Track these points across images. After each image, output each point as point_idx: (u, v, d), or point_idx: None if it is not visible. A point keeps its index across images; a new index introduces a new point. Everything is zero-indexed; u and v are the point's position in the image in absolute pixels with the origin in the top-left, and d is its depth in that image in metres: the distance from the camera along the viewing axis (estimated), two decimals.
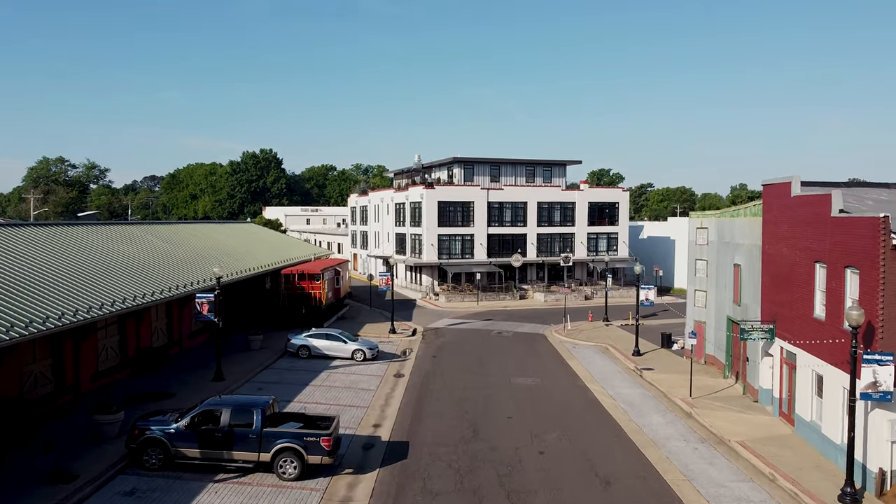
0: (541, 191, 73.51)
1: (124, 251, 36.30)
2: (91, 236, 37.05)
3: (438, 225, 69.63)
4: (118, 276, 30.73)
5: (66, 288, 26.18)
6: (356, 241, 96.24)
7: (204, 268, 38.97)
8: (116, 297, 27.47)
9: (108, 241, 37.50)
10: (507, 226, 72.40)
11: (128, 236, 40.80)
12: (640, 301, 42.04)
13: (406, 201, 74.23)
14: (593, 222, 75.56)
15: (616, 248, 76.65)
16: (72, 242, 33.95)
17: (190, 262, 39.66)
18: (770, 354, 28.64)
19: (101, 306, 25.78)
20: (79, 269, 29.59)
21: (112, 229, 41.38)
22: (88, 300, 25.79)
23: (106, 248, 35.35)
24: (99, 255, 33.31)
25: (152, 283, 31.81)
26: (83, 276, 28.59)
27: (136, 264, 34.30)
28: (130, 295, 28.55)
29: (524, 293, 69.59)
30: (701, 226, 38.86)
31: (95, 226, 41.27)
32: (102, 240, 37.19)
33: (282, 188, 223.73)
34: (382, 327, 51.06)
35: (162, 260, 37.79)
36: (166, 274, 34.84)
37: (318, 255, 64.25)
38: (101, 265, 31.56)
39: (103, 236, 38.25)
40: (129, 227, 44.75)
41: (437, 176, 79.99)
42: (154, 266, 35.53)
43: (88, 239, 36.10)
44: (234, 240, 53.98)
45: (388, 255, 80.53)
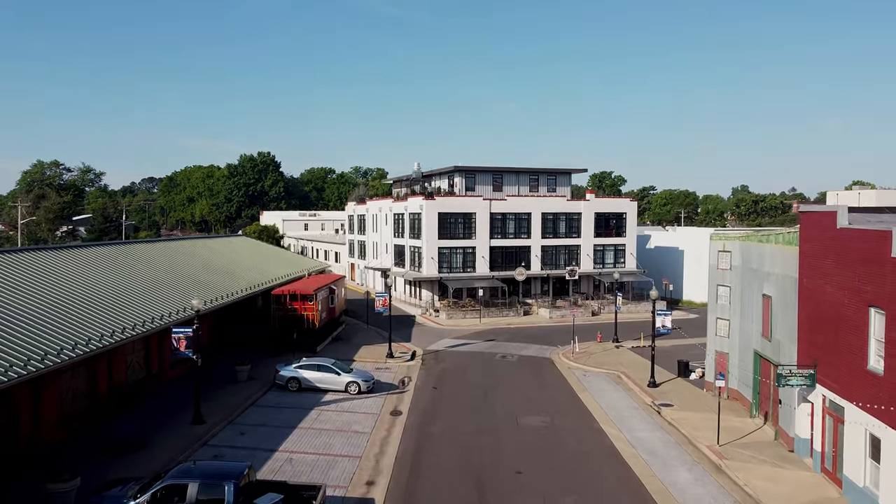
0: (545, 201, 70.57)
1: (96, 279, 33.31)
2: (62, 262, 34.07)
3: (439, 237, 66.66)
4: (86, 311, 27.76)
5: (26, 329, 23.22)
6: (353, 251, 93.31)
7: (185, 293, 36.01)
8: (80, 338, 24.51)
9: (80, 266, 34.52)
10: (510, 238, 69.43)
11: (104, 260, 37.82)
12: (655, 327, 39.05)
13: (405, 212, 71.29)
14: (600, 233, 72.59)
15: (623, 260, 73.67)
16: (37, 270, 30.97)
17: (170, 288, 36.67)
18: (809, 401, 25.68)
19: (61, 351, 22.83)
20: (40, 304, 26.61)
21: (87, 253, 38.38)
22: (48, 344, 22.83)
23: (76, 276, 32.36)
24: (67, 285, 30.34)
25: (126, 316, 28.86)
26: (44, 314, 25.61)
27: (109, 294, 31.33)
28: (97, 334, 25.60)
29: (528, 308, 66.63)
30: (723, 249, 35.90)
31: (68, 249, 38.23)
32: (73, 266, 34.21)
33: (280, 192, 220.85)
34: (379, 350, 48.11)
35: (140, 286, 34.81)
36: (144, 303, 31.87)
37: (312, 270, 61.30)
38: (68, 297, 28.59)
39: (75, 261, 35.28)
40: (107, 248, 41.74)
41: (437, 185, 77.05)
42: (130, 294, 32.55)
43: (58, 265, 33.13)
44: (222, 257, 51.01)
45: (386, 267, 77.63)
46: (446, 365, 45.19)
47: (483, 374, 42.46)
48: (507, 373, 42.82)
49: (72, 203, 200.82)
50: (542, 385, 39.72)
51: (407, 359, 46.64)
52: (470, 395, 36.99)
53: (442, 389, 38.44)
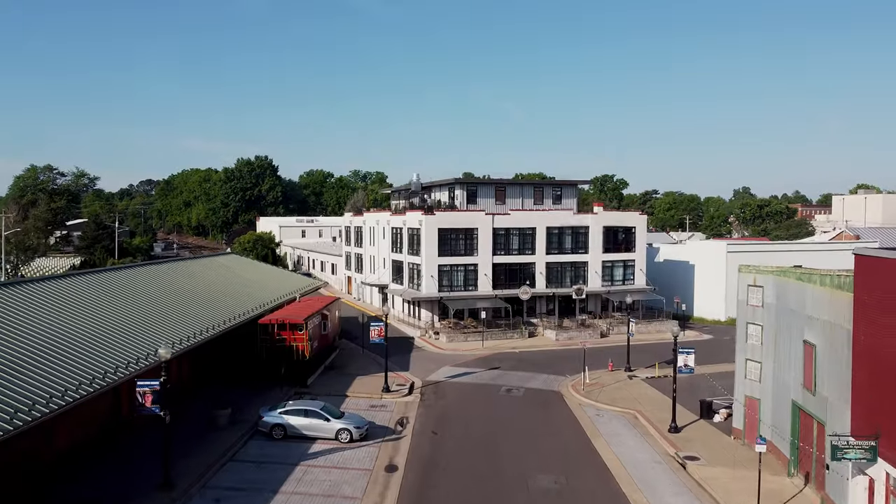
0: (550, 215, 67.07)
1: (54, 320, 29.79)
2: (20, 299, 30.56)
3: (439, 254, 63.20)
4: (38, 362, 24.26)
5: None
6: (350, 264, 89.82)
7: (158, 332, 32.51)
8: (22, 404, 21.03)
9: (39, 303, 31.01)
10: (513, 254, 65.94)
11: (70, 294, 34.32)
12: (677, 367, 35.51)
13: (403, 226, 67.81)
14: (608, 248, 69.11)
15: (633, 276, 70.18)
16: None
17: (141, 325, 33.13)
18: (867, 474, 22.21)
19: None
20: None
21: (51, 286, 34.83)
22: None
23: (29, 318, 28.84)
24: (19, 330, 26.84)
25: (87, 367, 25.40)
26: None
27: (68, 338, 27.83)
28: (44, 396, 22.11)
29: (533, 330, 63.14)
30: (754, 283, 32.36)
31: (29, 284, 34.64)
32: (33, 303, 30.70)
33: (277, 196, 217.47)
34: (375, 382, 44.61)
35: (107, 325, 31.30)
36: (108, 347, 28.37)
37: (305, 290, 57.81)
38: (15, 347, 25.09)
39: (38, 297, 31.77)
40: (79, 278, 38.19)
41: (437, 197, 73.59)
42: (93, 337, 29.05)
43: (15, 304, 29.61)
44: (204, 282, 47.47)
45: (384, 283, 74.22)
46: (447, 401, 41.70)
47: (487, 413, 38.98)
48: (513, 412, 39.32)
49: (65, 208, 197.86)
50: (553, 430, 36.21)
51: (404, 393, 43.17)
52: (473, 444, 33.50)
53: (443, 434, 34.96)
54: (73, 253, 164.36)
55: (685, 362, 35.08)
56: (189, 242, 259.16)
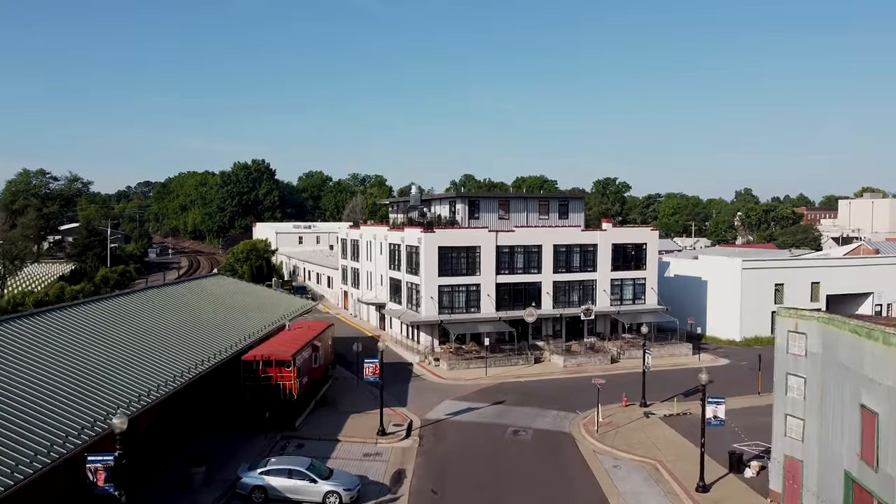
0: (557, 232, 63.35)
1: (5, 373, 26.07)
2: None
3: (439, 274, 59.48)
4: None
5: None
6: (347, 278, 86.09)
7: (118, 386, 28.74)
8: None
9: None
10: (518, 273, 62.22)
11: (29, 337, 30.58)
12: (706, 419, 31.71)
13: (402, 243, 64.10)
14: (617, 266, 65.38)
15: (643, 296, 66.45)
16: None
17: (100, 377, 29.36)
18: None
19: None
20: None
21: (13, 328, 31.07)
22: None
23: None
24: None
25: (28, 440, 21.74)
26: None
27: (11, 399, 24.13)
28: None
29: (539, 355, 59.41)
30: (796, 329, 28.62)
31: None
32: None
33: (274, 201, 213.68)
34: (370, 421, 40.93)
35: (62, 380, 27.58)
36: (56, 412, 24.67)
37: (296, 313, 54.16)
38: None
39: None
40: (42, 318, 34.39)
41: (437, 212, 69.88)
42: (45, 397, 25.34)
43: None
44: (184, 313, 43.68)
45: (381, 301, 70.58)
46: (448, 447, 37.99)
47: (492, 464, 35.27)
48: (521, 463, 35.60)
49: (57, 213, 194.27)
50: (566, 487, 32.49)
51: (401, 436, 39.50)
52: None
53: (443, 494, 31.25)
54: (65, 259, 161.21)
55: (714, 414, 31.34)
56: (185, 247, 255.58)
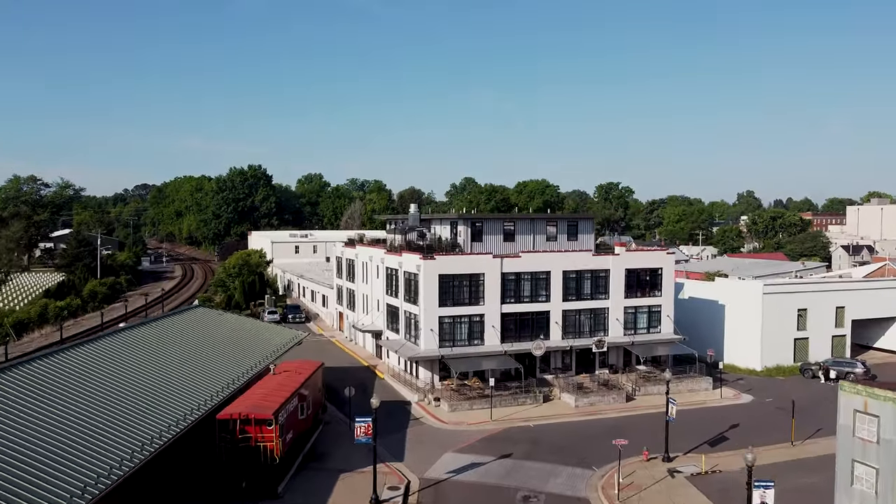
0: (567, 257, 58.85)
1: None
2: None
3: (440, 304, 54.99)
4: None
5: None
6: (342, 298, 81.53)
7: (58, 476, 24.12)
8: None
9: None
10: (525, 302, 57.72)
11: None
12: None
13: (399, 268, 59.60)
14: (631, 293, 60.91)
15: (659, 324, 61.97)
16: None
17: (44, 459, 24.79)
18: None
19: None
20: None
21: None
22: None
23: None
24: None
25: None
26: None
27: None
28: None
29: (548, 392, 54.86)
30: (865, 409, 24.09)
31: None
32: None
33: (271, 207, 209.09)
34: (362, 484, 36.50)
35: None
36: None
37: (283, 350, 49.64)
38: None
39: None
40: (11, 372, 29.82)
41: (437, 233, 65.33)
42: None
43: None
44: (152, 360, 38.97)
45: (377, 329, 66.13)
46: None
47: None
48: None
49: (48, 221, 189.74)
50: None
51: (398, 502, 34.99)
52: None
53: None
54: (54, 269, 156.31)
55: (762, 500, 26.76)
56: (181, 253, 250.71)
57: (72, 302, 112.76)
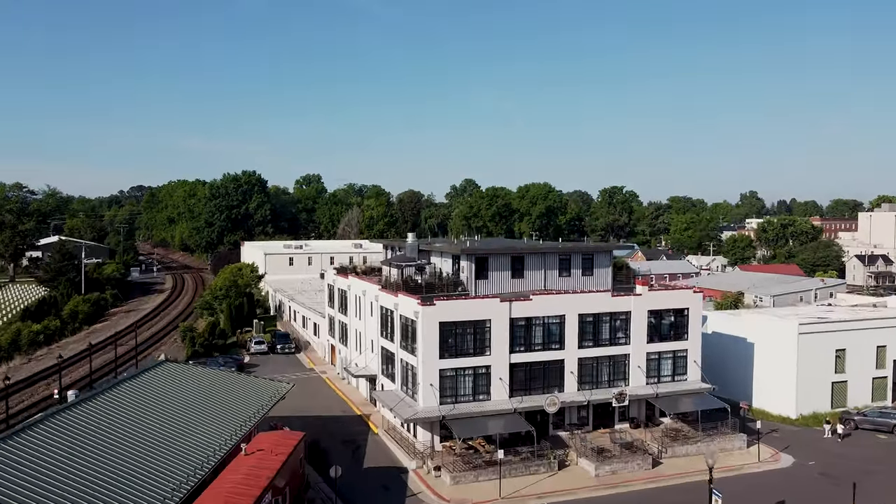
0: (583, 299, 52.46)
1: None
2: None
3: (440, 355, 48.64)
4: None
5: None
6: (334, 330, 75.10)
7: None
8: None
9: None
10: (536, 350, 51.35)
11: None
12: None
13: (395, 310, 53.21)
14: (654, 337, 54.57)
15: (685, 371, 55.64)
16: None
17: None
18: None
19: None
20: None
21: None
22: None
23: None
24: None
25: None
26: None
27: None
28: None
29: (563, 456, 48.45)
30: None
31: None
32: None
33: (265, 215, 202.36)
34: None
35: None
36: None
37: (262, 415, 43.22)
38: None
39: None
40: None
41: (437, 266, 58.98)
42: None
43: None
44: (100, 449, 32.36)
45: (372, 373, 59.81)
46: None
47: None
48: None
49: (34, 230, 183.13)
50: None
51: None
52: None
53: None
54: (36, 281, 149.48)
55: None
56: (174, 260, 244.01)
57: (50, 324, 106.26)
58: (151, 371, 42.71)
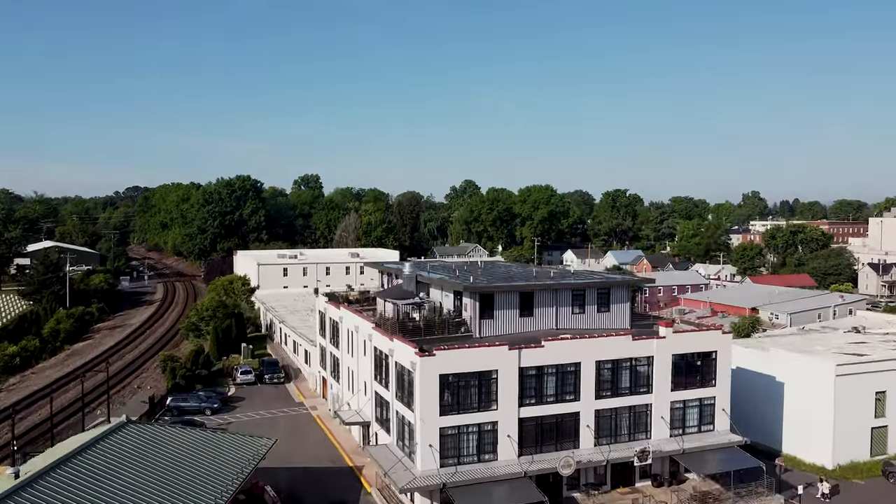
0: (601, 344, 46.83)
1: None
2: None
3: (441, 412, 43.04)
4: None
5: None
6: (325, 362, 69.47)
7: None
8: None
9: None
10: (549, 402, 45.77)
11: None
12: None
13: (390, 355, 47.60)
14: (679, 384, 48.99)
15: (712, 421, 50.07)
16: None
17: None
18: None
19: None
20: None
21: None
22: None
23: None
24: None
25: None
26: None
27: None
28: None
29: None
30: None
31: None
32: None
33: (260, 221, 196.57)
34: None
35: None
36: None
37: (238, 475, 37.59)
38: None
39: None
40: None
41: (437, 301, 53.43)
42: None
43: None
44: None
45: (365, 420, 54.23)
46: None
47: None
48: None
49: (21, 238, 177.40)
50: None
51: None
52: None
53: None
54: (19, 295, 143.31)
55: None
56: (167, 265, 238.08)
57: (29, 344, 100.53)
58: (107, 440, 37.01)
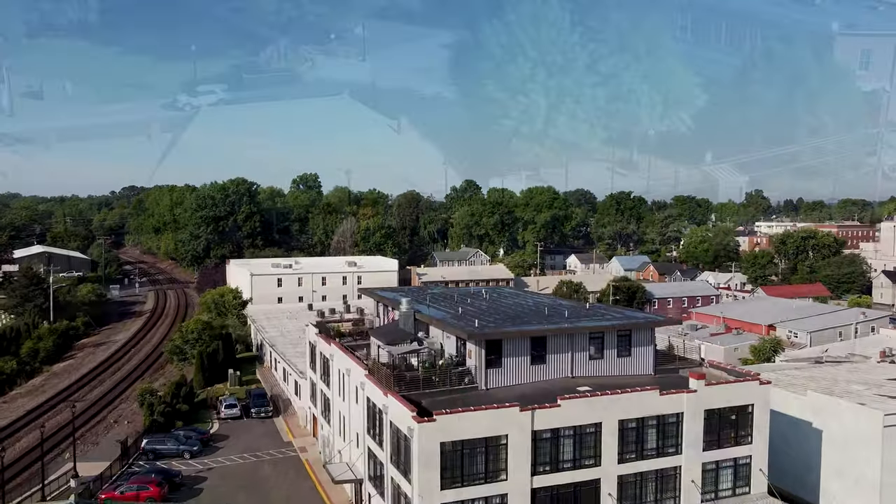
0: (623, 401, 41.14)
1: None
2: None
3: (443, 485, 37.41)
4: None
5: None
6: (315, 399, 63.83)
7: None
8: None
9: None
10: (566, 469, 40.11)
11: None
12: None
13: (384, 412, 41.92)
14: (711, 443, 43.31)
15: (747, 483, 44.41)
16: None
17: None
18: None
19: None
20: None
21: None
22: None
23: None
24: None
25: None
26: None
27: None
28: None
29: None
30: None
31: None
32: None
33: (255, 226, 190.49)
34: None
35: None
36: None
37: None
38: None
39: None
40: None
41: (437, 343, 47.75)
42: None
43: None
44: None
45: (357, 477, 48.53)
46: None
47: None
48: None
49: (6, 245, 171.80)
50: None
51: None
52: None
53: None
54: (1, 307, 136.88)
55: None
56: (161, 270, 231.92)
57: (5, 366, 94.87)
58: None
